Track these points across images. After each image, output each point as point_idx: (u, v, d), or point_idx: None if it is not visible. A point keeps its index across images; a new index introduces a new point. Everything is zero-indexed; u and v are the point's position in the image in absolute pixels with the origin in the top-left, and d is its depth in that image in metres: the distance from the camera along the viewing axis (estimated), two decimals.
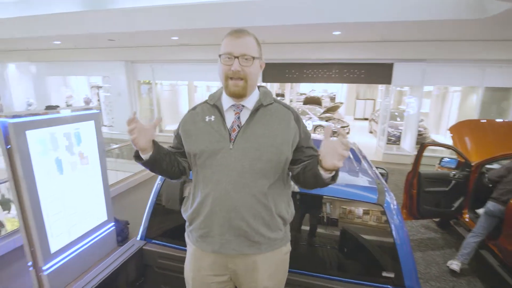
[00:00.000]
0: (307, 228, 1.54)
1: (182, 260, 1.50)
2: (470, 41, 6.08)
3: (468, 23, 4.51)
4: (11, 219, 3.80)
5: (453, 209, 3.41)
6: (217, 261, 1.14)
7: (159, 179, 1.70)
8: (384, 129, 7.78)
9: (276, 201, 1.10)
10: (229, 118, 1.11)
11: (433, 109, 10.13)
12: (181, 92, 10.90)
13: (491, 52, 6.12)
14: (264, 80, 7.96)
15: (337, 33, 5.65)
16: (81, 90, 12.44)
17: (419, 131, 7.68)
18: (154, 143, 1.04)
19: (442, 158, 3.75)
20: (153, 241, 1.66)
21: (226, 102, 1.11)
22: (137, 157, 1.06)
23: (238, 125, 1.08)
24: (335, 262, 1.49)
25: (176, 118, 10.86)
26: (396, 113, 9.81)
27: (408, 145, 7.60)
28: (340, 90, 17.78)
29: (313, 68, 7.51)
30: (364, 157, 2.10)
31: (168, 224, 1.71)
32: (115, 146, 4.79)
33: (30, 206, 2.17)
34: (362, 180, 1.54)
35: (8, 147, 2.07)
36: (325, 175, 0.93)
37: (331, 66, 7.38)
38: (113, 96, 9.11)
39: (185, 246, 1.49)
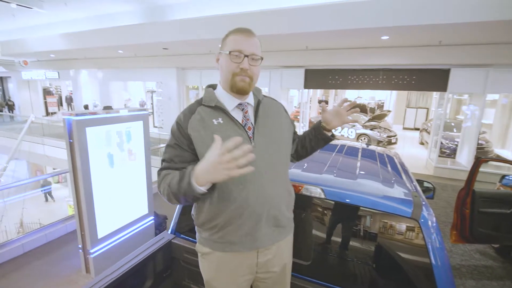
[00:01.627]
0: (334, 238, 1.47)
1: None
2: None
3: None
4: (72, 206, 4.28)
5: None
6: (250, 258, 1.13)
7: None
8: (437, 141, 7.09)
9: (289, 184, 1.24)
10: (238, 117, 1.08)
11: (498, 120, 8.95)
12: None
13: None
14: (306, 86, 7.88)
15: (386, 37, 5.36)
16: (138, 94, 13.71)
17: (480, 144, 6.85)
18: None
19: (505, 175, 3.29)
20: (182, 235, 1.72)
21: (229, 101, 1.08)
22: (191, 187, 0.89)
23: (251, 123, 1.10)
24: (362, 277, 1.40)
25: None
26: (453, 124, 8.89)
27: (464, 159, 6.82)
28: (389, 98, 16.75)
29: (358, 74, 7.22)
30: (404, 169, 1.94)
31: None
32: (162, 145, 5.17)
33: (84, 195, 2.44)
34: (397, 192, 1.42)
35: (70, 141, 2.36)
36: (329, 134, 1.22)
37: (377, 72, 7.01)
38: (164, 100, 9.87)
39: None
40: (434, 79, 6.51)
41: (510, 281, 2.94)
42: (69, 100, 16.92)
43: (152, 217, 3.31)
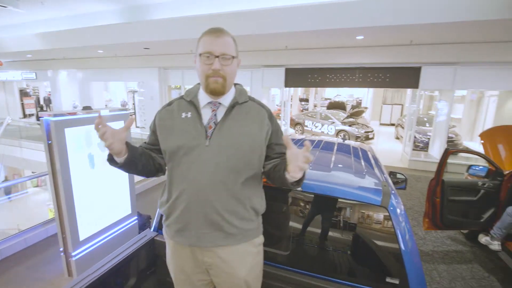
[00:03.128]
0: (310, 228, 1.53)
1: None
2: (508, 42, 5.68)
3: (506, 22, 4.24)
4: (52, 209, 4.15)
5: (482, 220, 3.19)
6: (194, 254, 1.16)
7: None
8: (411, 135, 7.46)
9: (250, 196, 1.14)
10: (206, 115, 1.11)
11: (466, 115, 9.53)
12: None
13: None
14: (286, 85, 8.02)
15: (361, 37, 5.57)
16: (119, 94, 13.35)
17: (450, 137, 7.28)
18: (127, 144, 1.03)
19: (471, 165, 3.54)
20: None
21: (203, 99, 1.13)
22: (111, 160, 1.05)
23: (214, 122, 1.09)
24: (337, 264, 1.48)
25: None
26: (425, 119, 9.36)
27: (436, 152, 7.22)
28: (366, 95, 17.30)
29: (336, 72, 7.44)
30: (376, 161, 2.06)
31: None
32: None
33: (64, 197, 2.40)
34: (368, 182, 1.52)
35: (49, 142, 2.32)
36: (290, 179, 0.97)
37: (354, 70, 7.27)
38: (146, 100, 9.72)
39: None
40: (407, 77, 6.83)
41: (478, 264, 3.16)
42: (47, 102, 16.21)
43: (135, 217, 3.29)
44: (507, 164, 3.33)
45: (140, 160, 1.09)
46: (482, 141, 3.77)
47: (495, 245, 2.85)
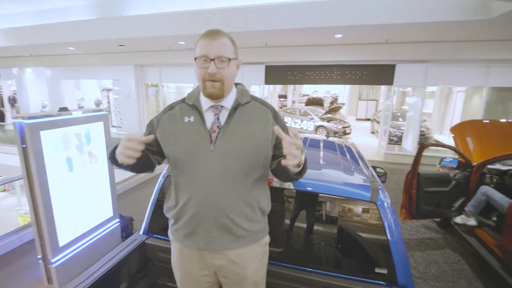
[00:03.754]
0: (302, 225, 1.58)
1: None
2: (474, 42, 6.07)
3: (474, 23, 4.51)
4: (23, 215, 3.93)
5: (453, 209, 3.42)
6: (203, 257, 1.16)
7: (161, 176, 1.78)
8: (386, 130, 7.80)
9: (257, 197, 1.13)
10: (209, 118, 1.09)
11: (436, 110, 10.09)
12: (186, 94, 11.12)
13: (496, 52, 6.10)
14: (266, 82, 8.06)
15: (339, 36, 5.71)
16: (93, 92, 12.73)
17: (422, 131, 7.67)
18: None
19: (443, 158, 3.77)
20: (155, 235, 1.72)
21: (205, 102, 1.10)
22: (113, 159, 1.02)
23: (218, 126, 1.08)
24: (329, 258, 1.54)
25: None
26: (399, 114, 9.80)
27: (409, 145, 7.61)
28: (342, 91, 17.78)
29: (315, 70, 7.58)
30: (361, 157, 2.15)
31: (168, 219, 1.77)
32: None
33: (41, 201, 2.28)
34: (357, 179, 1.59)
35: (23, 146, 2.19)
36: (292, 169, 0.95)
37: (332, 68, 7.45)
38: (122, 98, 9.36)
39: None
40: (382, 74, 7.11)
41: (449, 249, 3.39)
42: (12, 101, 15.10)
43: (117, 220, 3.20)
44: (475, 156, 3.57)
45: (142, 161, 1.07)
46: (453, 135, 4.02)
47: (472, 221, 3.09)
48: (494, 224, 3.04)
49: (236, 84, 1.16)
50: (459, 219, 3.22)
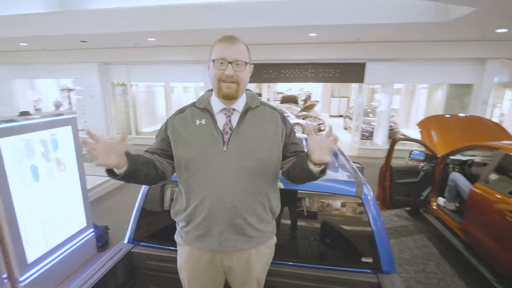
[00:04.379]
0: (295, 222, 1.62)
1: (170, 260, 1.53)
2: (435, 42, 6.53)
3: (434, 25, 4.86)
4: None
5: (422, 198, 3.66)
6: (214, 259, 1.17)
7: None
8: (358, 125, 8.12)
9: (269, 197, 1.17)
10: (220, 121, 1.12)
11: (402, 106, 10.71)
12: (157, 93, 10.68)
13: (454, 51, 6.61)
14: None
15: (313, 34, 5.83)
16: (50, 93, 11.76)
17: (390, 126, 8.10)
18: (128, 155, 0.96)
19: (412, 151, 4.01)
20: (141, 243, 1.67)
21: (217, 105, 1.14)
22: (110, 171, 0.96)
23: (230, 128, 1.11)
24: (319, 251, 1.59)
25: (153, 120, 10.63)
26: (369, 110, 10.26)
27: (380, 140, 8.00)
28: (315, 89, 18.23)
29: (290, 68, 7.69)
30: (342, 153, 2.22)
31: (156, 226, 1.72)
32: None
33: (4, 215, 2.08)
34: (342, 175, 1.65)
35: None
36: (315, 169, 0.96)
37: (307, 66, 7.60)
38: (85, 99, 8.76)
39: (173, 246, 1.51)
40: (354, 72, 7.39)
41: (419, 235, 3.63)
42: None
43: (91, 230, 3.02)
44: (439, 148, 3.85)
45: (142, 169, 1.03)
46: (420, 129, 4.29)
47: (451, 206, 3.38)
48: (457, 208, 3.33)
49: (245, 90, 1.21)
50: (441, 202, 3.49)
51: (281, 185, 1.52)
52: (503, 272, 2.28)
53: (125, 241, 1.69)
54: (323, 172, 0.99)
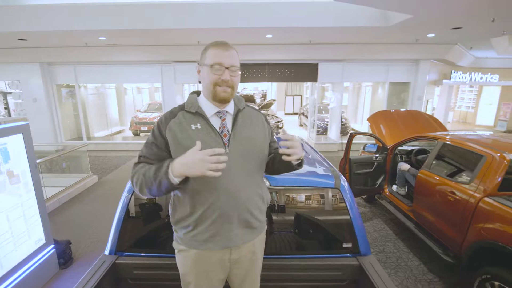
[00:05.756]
0: (282, 217, 1.72)
1: (160, 267, 1.53)
2: (378, 44, 7.25)
3: (377, 29, 5.42)
4: None
5: (376, 186, 4.08)
6: (224, 255, 1.21)
7: (126, 191, 1.65)
8: (313, 122, 8.62)
9: (263, 189, 1.29)
10: (215, 124, 1.15)
11: (350, 102, 11.62)
12: (109, 95, 9.93)
13: (393, 53, 7.43)
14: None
15: (270, 36, 6.03)
16: None
17: (342, 122, 8.76)
18: None
19: (366, 144, 4.42)
20: (126, 253, 1.61)
21: (209, 109, 1.16)
22: (167, 176, 0.99)
23: (227, 130, 1.16)
24: (305, 243, 1.71)
25: (105, 124, 9.87)
26: (321, 107, 10.92)
27: (334, 135, 8.60)
28: (270, 88, 18.71)
29: (248, 68, 7.82)
30: (315, 150, 2.39)
31: (142, 233, 1.67)
32: (39, 160, 4.10)
33: None
34: (320, 170, 1.80)
35: None
36: (294, 162, 1.14)
37: (264, 66, 7.82)
38: (27, 103, 7.75)
39: (163, 253, 1.50)
40: (308, 72, 7.84)
41: (376, 219, 4.03)
42: None
43: (52, 246, 2.77)
44: (388, 141, 4.31)
45: None
46: (370, 124, 4.75)
47: (402, 191, 3.82)
48: (406, 193, 3.79)
49: None
50: (395, 188, 3.92)
51: (267, 183, 1.61)
52: (448, 245, 2.66)
53: (106, 253, 1.62)
54: (300, 164, 1.19)
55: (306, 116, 10.43)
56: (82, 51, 7.24)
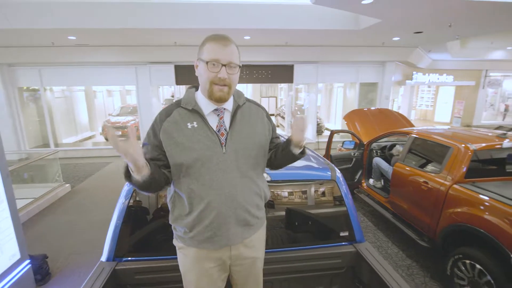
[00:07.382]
0: (282, 210, 1.76)
1: (162, 270, 1.52)
2: (349, 47, 7.62)
3: (348, 32, 5.71)
4: None
5: (355, 180, 4.30)
6: (222, 253, 1.19)
7: (123, 196, 1.61)
8: (290, 123, 8.80)
9: (262, 186, 1.25)
10: (213, 122, 1.10)
11: (323, 103, 12.04)
12: (77, 98, 9.36)
13: (363, 55, 7.86)
14: (177, 83, 7.77)
15: (247, 37, 6.10)
16: None
17: (317, 121, 9.06)
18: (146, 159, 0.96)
19: (344, 141, 4.64)
20: (125, 258, 1.56)
21: (206, 106, 1.10)
22: (128, 176, 0.96)
23: (225, 129, 1.11)
24: (306, 234, 1.78)
25: (74, 130, 9.31)
26: (296, 108, 11.19)
27: (310, 134, 8.86)
28: (245, 89, 18.81)
29: None
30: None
31: (143, 237, 1.63)
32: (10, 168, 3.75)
33: None
34: (317, 164, 1.88)
35: None
36: (296, 151, 1.14)
37: (242, 68, 7.84)
38: None
39: (166, 255, 1.49)
40: (284, 73, 8.03)
41: (357, 211, 4.25)
42: None
43: (27, 261, 2.58)
44: (363, 137, 4.56)
45: (159, 174, 1.03)
46: (346, 122, 4.99)
47: (378, 184, 4.04)
48: (382, 186, 4.04)
49: None
50: (371, 182, 4.14)
51: (268, 178, 1.66)
52: (424, 231, 2.87)
53: (104, 260, 1.56)
54: (302, 152, 1.17)
55: (283, 117, 10.62)
56: (48, 51, 6.75)
